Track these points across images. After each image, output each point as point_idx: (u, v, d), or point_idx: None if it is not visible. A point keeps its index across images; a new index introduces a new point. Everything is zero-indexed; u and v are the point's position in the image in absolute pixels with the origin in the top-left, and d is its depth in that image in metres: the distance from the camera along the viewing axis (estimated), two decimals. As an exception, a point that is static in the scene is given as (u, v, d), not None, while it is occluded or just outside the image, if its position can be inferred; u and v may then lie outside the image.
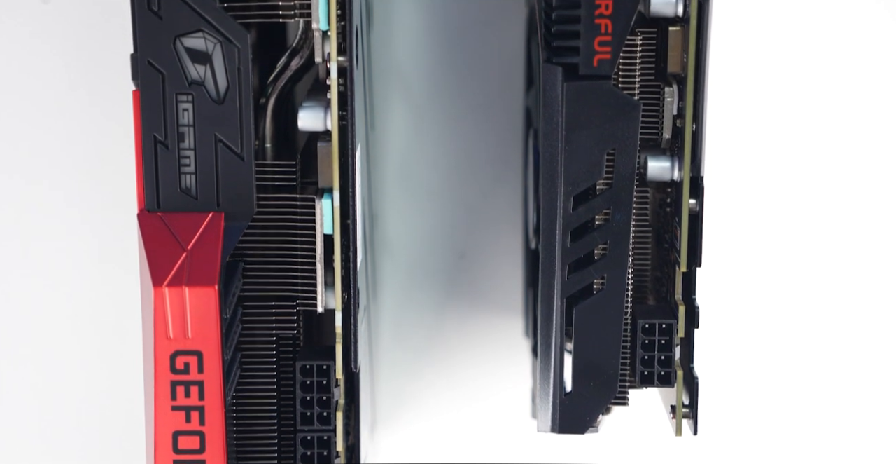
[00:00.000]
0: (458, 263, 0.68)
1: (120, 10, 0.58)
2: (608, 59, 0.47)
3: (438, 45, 0.65)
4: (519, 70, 0.66)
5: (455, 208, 0.68)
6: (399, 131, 0.67)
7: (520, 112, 0.66)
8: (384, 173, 0.68)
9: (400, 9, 0.65)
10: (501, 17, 0.64)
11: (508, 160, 0.67)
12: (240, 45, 0.46)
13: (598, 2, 0.46)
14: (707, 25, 0.47)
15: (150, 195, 0.47)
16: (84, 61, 0.63)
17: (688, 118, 0.48)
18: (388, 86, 0.66)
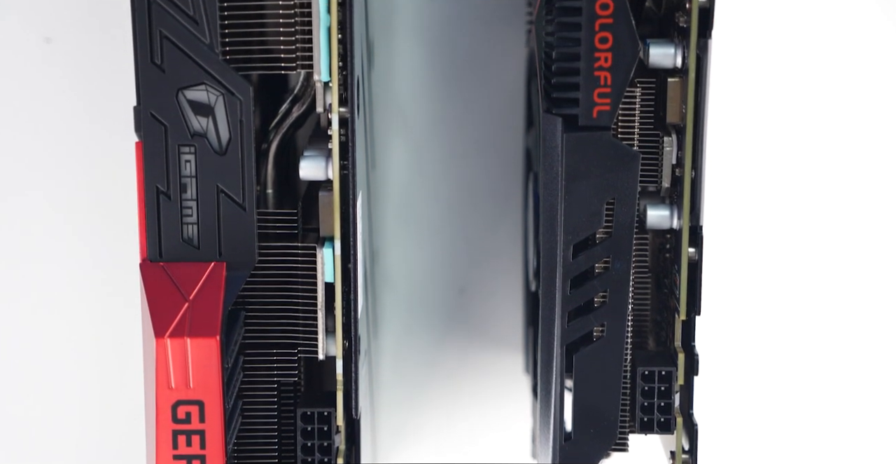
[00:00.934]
0: (458, 298, 0.68)
1: (123, 50, 0.59)
2: (608, 111, 0.47)
3: (439, 83, 0.65)
4: (519, 109, 0.66)
5: (455, 244, 0.68)
6: (400, 168, 0.67)
7: (519, 150, 0.66)
8: (385, 210, 0.68)
9: (400, 47, 0.65)
10: (502, 56, 0.65)
11: (508, 197, 0.67)
12: (242, 98, 0.46)
13: (597, 54, 0.46)
14: (705, 77, 0.47)
15: (152, 245, 0.47)
16: (87, 102, 0.63)
17: (686, 168, 0.48)
18: (389, 123, 0.66)
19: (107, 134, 0.63)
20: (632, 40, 0.46)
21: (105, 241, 0.62)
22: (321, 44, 0.46)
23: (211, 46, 0.45)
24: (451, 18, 0.64)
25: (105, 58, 0.64)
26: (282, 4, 0.46)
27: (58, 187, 0.63)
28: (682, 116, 0.48)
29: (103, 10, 0.63)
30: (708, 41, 0.46)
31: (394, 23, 0.65)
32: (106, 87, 0.63)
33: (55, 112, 0.64)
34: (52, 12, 0.63)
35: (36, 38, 0.63)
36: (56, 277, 0.64)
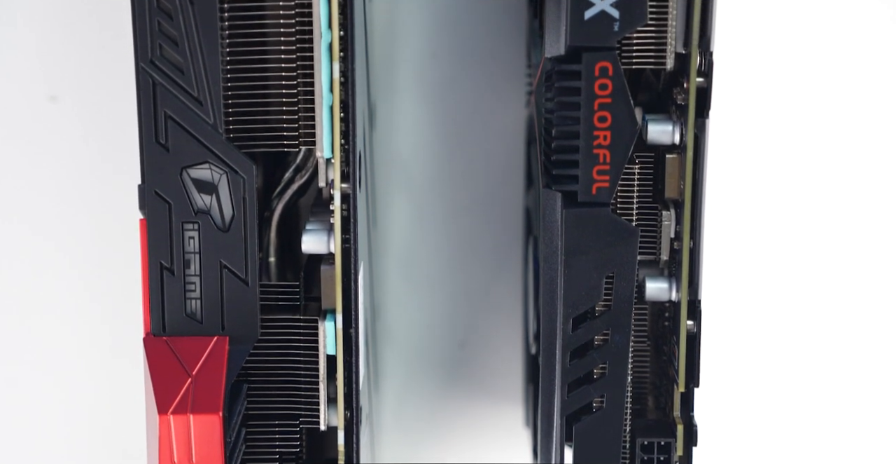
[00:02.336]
0: (459, 352, 0.69)
1: (129, 109, 0.59)
2: (607, 188, 0.47)
3: (440, 140, 0.66)
4: (519, 167, 0.66)
5: (455, 299, 0.68)
6: (401, 224, 0.68)
7: (519, 207, 0.67)
8: (386, 265, 0.68)
9: (402, 105, 0.66)
10: (502, 114, 0.65)
11: (508, 253, 0.68)
12: (245, 176, 0.47)
13: (596, 133, 0.47)
14: (703, 155, 0.48)
15: (155, 320, 0.48)
16: (91, 162, 0.64)
17: (685, 244, 0.48)
18: (391, 180, 0.67)
19: (112, 195, 0.64)
20: (630, 120, 0.46)
21: (107, 314, 0.63)
22: (324, 122, 0.47)
23: (215, 126, 0.46)
24: (452, 78, 0.65)
25: (110, 116, 0.64)
26: (285, 84, 0.47)
27: (59, 250, 0.64)
28: (681, 191, 0.49)
29: (109, 68, 0.63)
30: (706, 121, 0.47)
31: (396, 82, 0.66)
32: (111, 146, 0.64)
33: (60, 171, 0.65)
34: (57, 70, 0.64)
35: (41, 97, 0.64)
36: (56, 348, 0.64)
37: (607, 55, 0.46)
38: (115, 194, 0.63)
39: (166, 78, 0.45)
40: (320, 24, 0.46)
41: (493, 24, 0.64)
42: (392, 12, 0.64)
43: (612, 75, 0.46)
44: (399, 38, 0.65)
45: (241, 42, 0.46)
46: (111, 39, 0.63)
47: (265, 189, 0.54)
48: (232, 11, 0.46)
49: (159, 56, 0.45)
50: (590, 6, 0.45)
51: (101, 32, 0.63)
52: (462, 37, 0.64)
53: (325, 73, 0.46)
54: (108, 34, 0.63)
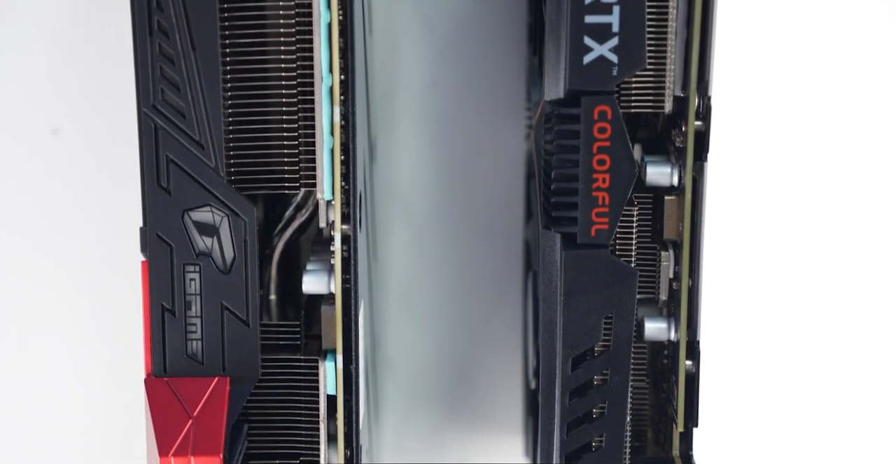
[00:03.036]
0: (459, 383, 0.69)
1: (131, 141, 0.60)
2: (605, 230, 0.48)
3: (440, 172, 0.66)
4: (518, 198, 0.67)
5: (456, 330, 0.68)
6: (401, 256, 0.68)
7: (519, 239, 0.67)
8: (386, 296, 0.69)
9: (402, 138, 0.66)
10: (502, 146, 0.66)
11: (508, 284, 0.68)
12: (246, 219, 0.47)
13: (595, 176, 0.47)
14: (702, 196, 0.48)
15: (157, 361, 0.48)
16: (95, 193, 0.64)
17: (683, 284, 0.49)
18: (391, 212, 0.67)
19: (114, 227, 0.64)
20: (629, 163, 0.47)
21: (108, 355, 0.63)
22: (324, 165, 0.47)
23: (216, 169, 0.46)
24: (452, 110, 0.65)
25: (112, 149, 0.65)
26: (286, 127, 0.47)
27: (60, 288, 0.64)
28: (680, 232, 0.49)
29: (111, 100, 0.64)
30: (704, 164, 0.47)
31: (396, 113, 0.66)
32: (114, 179, 0.64)
33: (62, 204, 0.65)
34: (59, 103, 0.64)
35: (43, 129, 0.65)
36: (58, 390, 0.64)
37: (606, 99, 0.46)
38: (118, 231, 0.63)
39: (168, 122, 0.45)
40: (321, 68, 0.46)
41: (493, 57, 0.64)
42: (393, 45, 0.65)
43: (610, 119, 0.46)
44: (399, 70, 0.65)
45: (243, 86, 0.47)
46: (113, 72, 0.64)
47: (266, 226, 0.54)
48: (233, 55, 0.46)
49: (161, 100, 0.45)
50: (589, 51, 0.46)
51: (103, 65, 0.63)
52: (462, 70, 0.64)
53: (325, 117, 0.47)
54: (109, 67, 0.64)
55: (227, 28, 0.46)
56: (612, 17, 0.45)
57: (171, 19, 0.44)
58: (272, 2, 0.46)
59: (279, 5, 0.46)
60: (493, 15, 0.62)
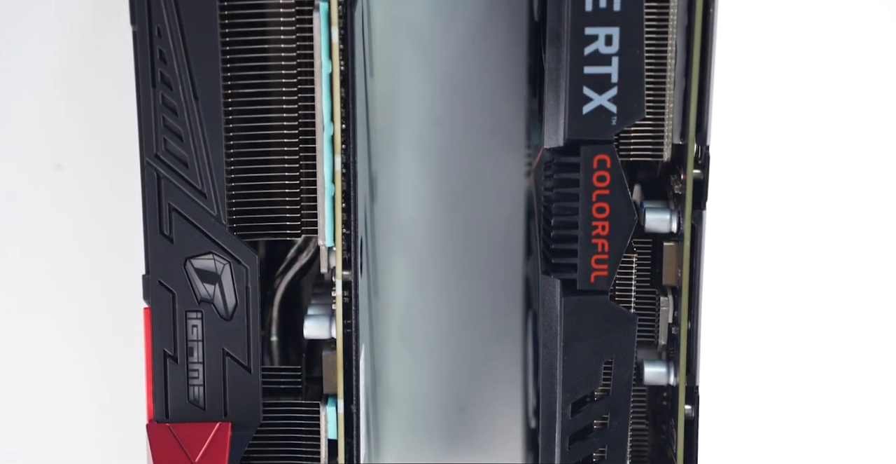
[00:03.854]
0: (459, 416, 0.69)
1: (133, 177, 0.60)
2: (605, 276, 0.48)
3: (440, 208, 0.67)
4: (518, 233, 0.67)
5: (456, 363, 0.69)
6: (401, 290, 0.68)
7: (519, 273, 0.67)
8: (387, 330, 0.69)
9: (403, 173, 0.66)
10: (502, 182, 0.66)
11: (508, 318, 0.68)
12: (248, 266, 0.47)
13: (594, 223, 0.47)
14: (700, 244, 0.48)
15: (159, 406, 0.48)
16: (98, 230, 0.65)
17: (682, 330, 0.49)
18: (391, 246, 0.68)
19: (116, 262, 0.65)
20: (629, 211, 0.47)
21: (110, 400, 0.63)
22: (326, 212, 0.47)
23: (218, 218, 0.46)
24: (453, 146, 0.66)
25: (115, 185, 0.65)
26: (287, 175, 0.48)
27: (61, 329, 0.64)
28: (679, 278, 0.49)
29: (113, 136, 0.64)
30: (703, 212, 0.48)
31: (397, 149, 0.66)
32: (116, 215, 0.65)
33: (64, 239, 0.65)
34: (62, 139, 0.65)
35: (46, 165, 0.65)
36: (60, 436, 0.65)
37: (605, 148, 0.46)
38: (120, 270, 0.63)
39: (171, 171, 0.46)
40: (323, 117, 0.47)
41: (494, 95, 0.64)
42: (394, 84, 0.65)
43: (610, 168, 0.47)
44: (400, 107, 0.66)
45: (245, 135, 0.47)
46: (116, 109, 0.64)
47: (268, 266, 0.54)
48: (235, 105, 0.47)
49: (164, 150, 0.46)
50: (588, 101, 0.46)
51: (105, 101, 0.64)
52: (462, 107, 0.65)
53: (327, 165, 0.47)
54: (112, 103, 0.64)
55: (229, 78, 0.46)
56: (612, 68, 0.46)
57: (175, 71, 0.44)
58: (274, 52, 0.46)
59: (281, 56, 0.46)
60: (494, 55, 0.62)
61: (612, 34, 0.45)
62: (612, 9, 0.45)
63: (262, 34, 0.46)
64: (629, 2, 0.44)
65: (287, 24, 0.46)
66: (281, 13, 0.46)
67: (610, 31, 0.45)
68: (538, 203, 0.54)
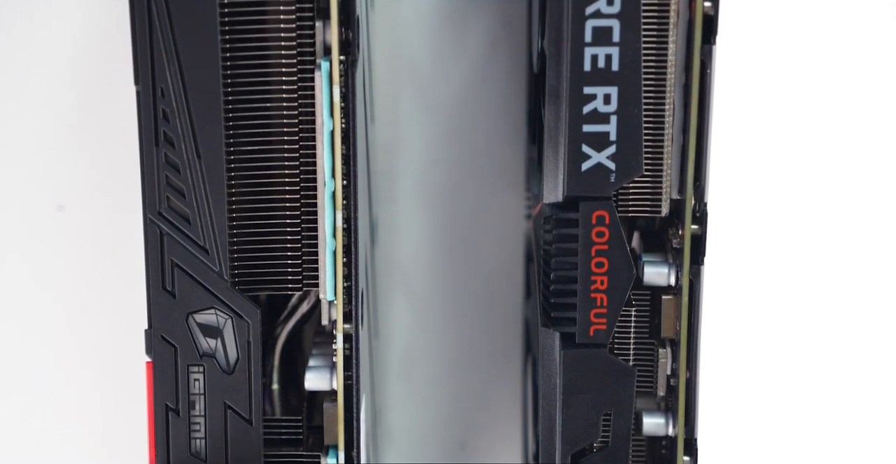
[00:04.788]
0: (460, 453, 0.69)
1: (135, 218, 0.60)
2: (604, 330, 0.48)
3: (440, 249, 0.67)
4: (518, 275, 0.67)
5: (456, 401, 0.69)
6: (402, 329, 0.68)
7: (518, 315, 0.68)
8: (387, 368, 0.69)
9: (403, 214, 0.67)
10: (502, 224, 0.66)
11: (507, 358, 0.68)
12: (249, 321, 0.48)
13: (593, 278, 0.48)
14: (699, 298, 0.49)
15: (160, 459, 0.48)
16: (100, 270, 0.65)
17: (681, 382, 0.49)
18: (391, 287, 0.68)
19: (120, 305, 0.65)
20: (627, 266, 0.47)
21: (112, 452, 0.64)
22: (327, 267, 0.48)
23: (220, 273, 0.47)
24: (453, 189, 0.66)
25: (117, 226, 0.65)
26: (289, 231, 0.48)
27: (66, 358, 0.65)
28: (677, 331, 0.50)
29: (116, 177, 0.65)
30: (700, 267, 0.48)
31: (397, 193, 0.67)
32: (119, 255, 0.65)
33: (68, 279, 0.66)
34: (64, 180, 0.65)
35: (48, 206, 0.65)
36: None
37: (604, 204, 0.47)
38: (122, 312, 0.64)
39: (173, 228, 0.46)
40: (324, 174, 0.47)
41: (493, 138, 0.65)
42: (395, 126, 0.66)
43: (608, 223, 0.47)
44: (401, 150, 0.66)
45: (247, 191, 0.48)
46: (117, 150, 0.65)
47: (270, 313, 0.55)
48: (237, 162, 0.47)
49: (167, 208, 0.46)
50: (587, 158, 0.47)
51: (107, 144, 0.64)
52: (462, 150, 0.65)
53: (328, 221, 0.47)
54: (114, 145, 0.64)
55: (231, 135, 0.46)
56: (610, 126, 0.46)
57: (178, 130, 0.45)
58: (276, 110, 0.47)
59: (283, 113, 0.47)
60: (493, 100, 0.63)
61: (611, 93, 0.45)
62: (610, 69, 0.45)
63: (263, 92, 0.46)
64: (627, 62, 0.45)
65: (289, 83, 0.46)
66: (283, 72, 0.46)
67: (608, 91, 0.45)
68: (537, 251, 0.54)
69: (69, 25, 0.62)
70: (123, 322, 0.64)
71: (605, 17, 0.45)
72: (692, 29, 0.46)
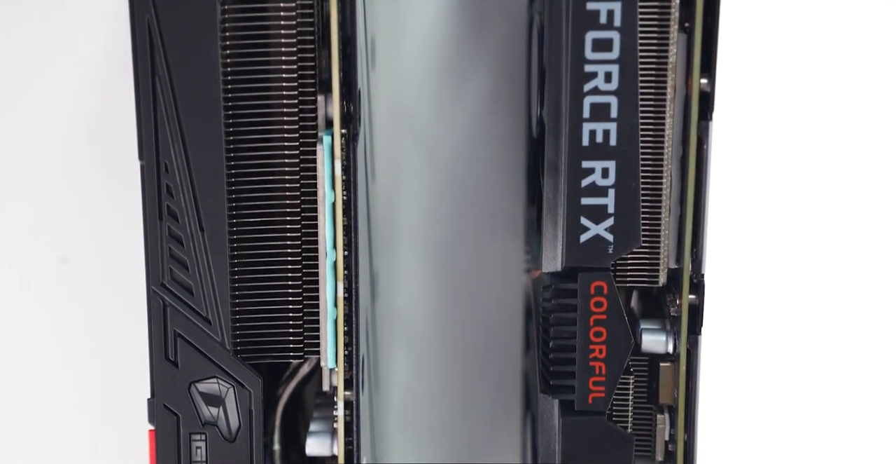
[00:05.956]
0: (461, 502, 0.70)
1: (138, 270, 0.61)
2: (602, 398, 0.49)
3: (440, 302, 0.67)
4: (518, 326, 0.68)
5: (456, 453, 0.69)
6: (401, 381, 0.69)
7: (518, 368, 0.68)
8: (387, 419, 0.70)
9: (403, 269, 0.67)
10: (501, 276, 0.67)
11: (507, 410, 0.69)
12: (252, 390, 0.48)
13: (592, 347, 0.48)
14: (696, 366, 0.49)
15: (163, 524, 0.49)
16: (103, 322, 0.65)
17: (679, 449, 0.50)
18: (392, 338, 0.68)
19: (123, 355, 0.65)
20: (625, 335, 0.48)
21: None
22: (328, 335, 0.48)
23: (223, 343, 0.47)
24: (453, 243, 0.67)
25: (121, 278, 0.66)
26: (291, 300, 0.49)
27: (70, 416, 0.65)
28: (675, 398, 0.50)
29: (119, 229, 0.65)
30: (698, 337, 0.48)
31: (397, 246, 0.67)
32: (122, 308, 0.65)
33: (70, 331, 0.66)
34: (67, 232, 0.65)
35: (52, 258, 0.66)
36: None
37: (602, 275, 0.47)
38: (128, 359, 0.64)
39: (176, 299, 0.47)
40: (325, 245, 0.48)
41: (493, 188, 0.65)
42: (395, 180, 0.66)
43: (607, 294, 0.48)
44: (401, 201, 0.67)
45: (249, 262, 0.48)
46: (121, 203, 0.65)
47: (272, 374, 0.55)
48: (240, 234, 0.48)
49: (170, 279, 0.47)
50: (585, 230, 0.47)
51: (110, 197, 0.65)
52: (463, 201, 0.66)
53: (329, 291, 0.48)
54: (117, 198, 0.65)
55: (234, 208, 0.47)
56: (608, 199, 0.46)
57: (181, 205, 0.45)
58: (278, 183, 0.47)
59: (285, 186, 0.47)
60: (493, 155, 0.63)
61: (609, 167, 0.46)
62: (608, 143, 0.46)
63: (266, 165, 0.47)
64: (625, 137, 0.45)
65: (291, 156, 0.47)
66: (285, 145, 0.47)
67: (606, 165, 0.46)
68: (536, 312, 0.55)
69: (77, 96, 0.63)
70: (127, 391, 0.65)
71: (604, 94, 0.45)
72: (689, 105, 0.46)
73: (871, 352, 0.65)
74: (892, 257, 0.65)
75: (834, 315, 0.64)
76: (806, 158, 0.63)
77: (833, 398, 0.65)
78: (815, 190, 0.63)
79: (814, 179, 0.63)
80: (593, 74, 0.45)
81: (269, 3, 0.47)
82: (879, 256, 0.65)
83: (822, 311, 0.64)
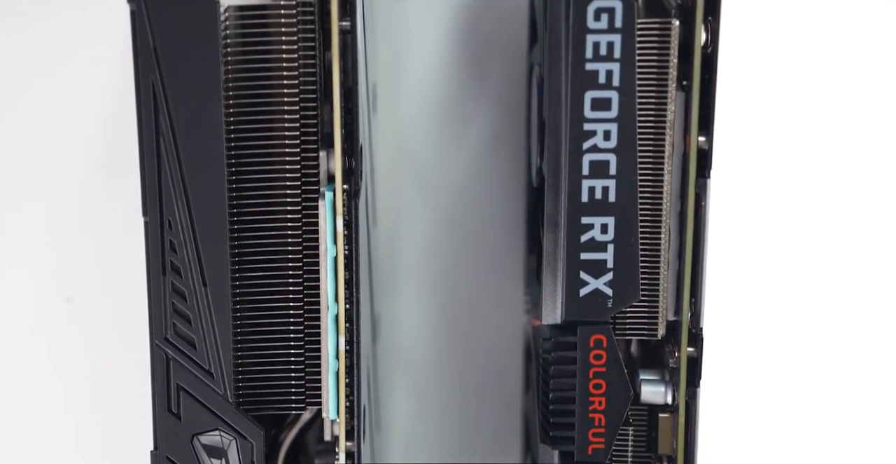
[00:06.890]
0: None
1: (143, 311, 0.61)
2: (602, 449, 0.49)
3: (441, 343, 0.68)
4: (517, 367, 0.68)
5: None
6: (402, 419, 0.69)
7: (518, 408, 0.69)
8: (388, 459, 0.70)
9: (404, 310, 0.68)
10: (502, 314, 0.67)
11: (507, 449, 0.69)
12: (254, 442, 0.48)
13: (591, 399, 0.48)
14: (695, 418, 0.49)
15: None
16: (108, 363, 0.66)
17: (678, 500, 0.50)
18: (393, 377, 0.69)
19: (129, 394, 0.66)
20: (625, 388, 0.48)
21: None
22: (329, 387, 0.49)
23: (225, 396, 0.48)
24: (453, 283, 0.67)
25: (125, 318, 0.66)
26: (293, 353, 0.49)
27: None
28: (674, 448, 0.50)
29: (123, 269, 0.65)
30: (696, 389, 0.49)
31: (398, 286, 0.68)
32: (126, 348, 0.66)
33: (75, 372, 0.66)
34: (72, 272, 0.66)
35: (56, 298, 0.66)
36: None
37: (602, 329, 0.48)
38: (134, 398, 0.64)
39: (179, 353, 0.47)
40: (327, 298, 0.48)
41: (493, 229, 0.66)
42: (396, 220, 0.67)
43: (606, 347, 0.48)
44: (402, 242, 0.67)
45: (252, 315, 0.48)
46: (124, 243, 0.65)
47: (274, 420, 0.55)
48: (242, 288, 0.48)
49: (173, 334, 0.47)
50: (585, 284, 0.47)
51: (113, 237, 0.65)
52: (464, 242, 0.66)
53: (331, 344, 0.48)
54: (119, 237, 0.65)
55: (236, 263, 0.48)
56: (607, 254, 0.47)
57: (185, 260, 0.46)
58: (280, 238, 0.48)
59: (287, 241, 0.48)
60: (492, 199, 0.64)
61: (608, 223, 0.46)
62: (607, 200, 0.46)
63: (268, 221, 0.47)
64: (624, 193, 0.46)
65: (293, 212, 0.47)
66: (287, 201, 0.47)
67: (605, 221, 0.46)
68: (536, 357, 0.55)
69: (87, 150, 0.63)
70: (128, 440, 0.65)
71: (602, 152, 0.46)
72: (687, 162, 0.47)
73: (870, 404, 0.66)
74: (887, 297, 0.65)
75: (836, 366, 0.65)
76: (802, 214, 0.64)
77: (835, 448, 0.65)
78: (811, 247, 0.64)
79: (810, 235, 0.64)
80: (592, 133, 0.46)
81: (273, 54, 0.48)
82: (878, 303, 0.65)
83: (823, 364, 0.65)
